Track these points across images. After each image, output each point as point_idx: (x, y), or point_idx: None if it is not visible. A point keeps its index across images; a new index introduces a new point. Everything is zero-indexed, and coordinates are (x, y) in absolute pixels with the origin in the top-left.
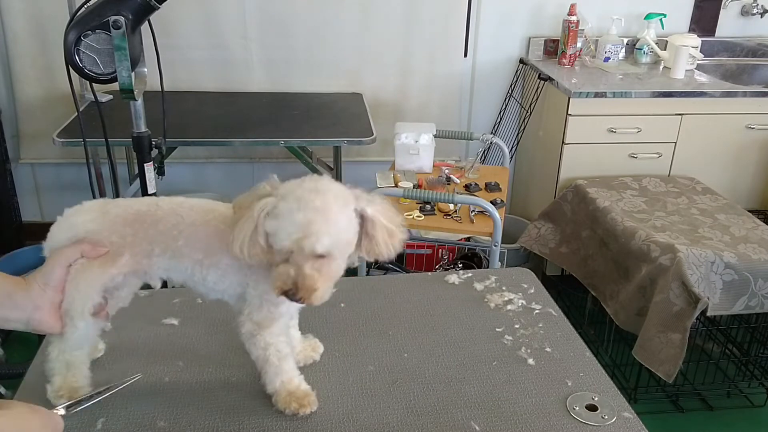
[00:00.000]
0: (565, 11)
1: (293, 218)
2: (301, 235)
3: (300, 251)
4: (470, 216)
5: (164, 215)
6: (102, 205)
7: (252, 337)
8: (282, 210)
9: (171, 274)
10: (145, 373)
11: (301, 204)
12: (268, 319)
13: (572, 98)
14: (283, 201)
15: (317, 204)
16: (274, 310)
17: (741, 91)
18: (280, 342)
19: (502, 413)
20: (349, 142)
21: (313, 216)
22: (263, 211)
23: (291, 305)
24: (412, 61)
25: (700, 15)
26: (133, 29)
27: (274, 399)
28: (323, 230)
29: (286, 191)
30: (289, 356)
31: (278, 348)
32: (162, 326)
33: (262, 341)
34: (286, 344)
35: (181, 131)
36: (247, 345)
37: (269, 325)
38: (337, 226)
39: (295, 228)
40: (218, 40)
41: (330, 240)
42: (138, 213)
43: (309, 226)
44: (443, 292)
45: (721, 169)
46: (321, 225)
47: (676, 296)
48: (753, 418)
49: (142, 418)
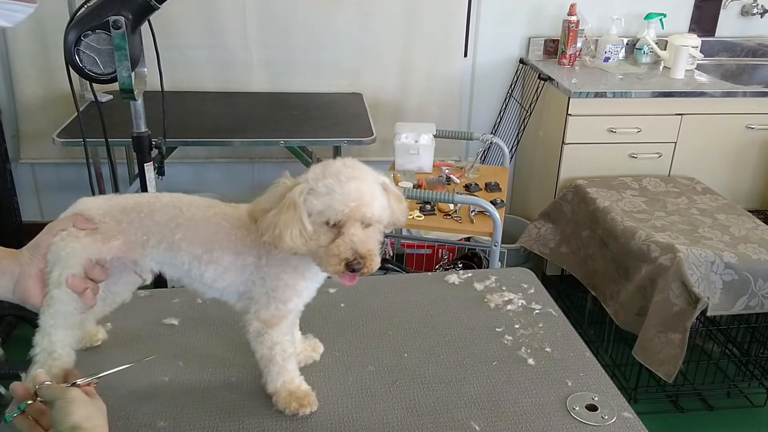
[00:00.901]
0: (565, 11)
1: (343, 189)
2: (356, 202)
3: (353, 219)
4: (470, 216)
5: (162, 207)
6: (110, 197)
7: (259, 336)
8: (325, 187)
9: (165, 268)
10: (145, 373)
11: (343, 177)
12: (276, 317)
13: (572, 98)
14: (321, 181)
15: (357, 175)
16: (282, 307)
17: (741, 91)
18: (286, 341)
19: (502, 413)
20: (349, 142)
21: (360, 185)
22: (302, 195)
23: (300, 300)
24: (412, 61)
25: (700, 15)
26: (133, 29)
27: (274, 399)
28: (373, 197)
29: (315, 174)
30: (293, 356)
31: (284, 348)
32: (162, 326)
33: (269, 340)
34: (291, 344)
35: (181, 131)
36: (254, 344)
37: (277, 323)
38: (379, 195)
39: (349, 197)
40: (218, 40)
41: (379, 206)
42: (137, 203)
43: (361, 195)
44: (443, 292)
45: (721, 169)
46: (369, 193)
47: (676, 296)
48: (753, 418)
49: (142, 418)
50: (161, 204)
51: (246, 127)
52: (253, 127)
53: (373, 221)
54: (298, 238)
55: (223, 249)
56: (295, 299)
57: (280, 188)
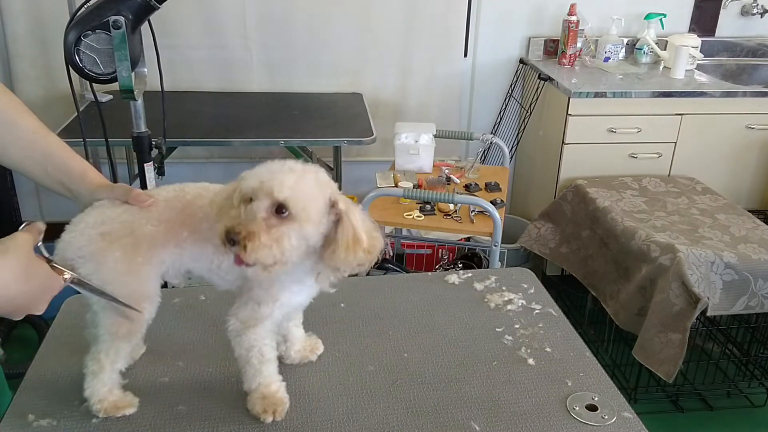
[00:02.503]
0: (565, 11)
1: (267, 166)
2: (266, 178)
3: (261, 195)
4: (470, 216)
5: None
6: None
7: (237, 336)
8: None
9: (196, 264)
10: (146, 373)
11: (281, 164)
12: (252, 318)
13: (572, 98)
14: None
15: (294, 167)
16: (257, 309)
17: (741, 91)
18: (265, 345)
19: (502, 413)
20: (349, 142)
21: (284, 169)
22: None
23: (275, 306)
24: (412, 61)
25: (700, 15)
26: (133, 29)
27: (248, 397)
28: (288, 181)
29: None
30: (271, 361)
31: (262, 351)
32: (162, 326)
33: (246, 341)
34: (272, 349)
35: (181, 131)
36: (233, 342)
37: (254, 326)
38: (304, 188)
39: (264, 172)
40: (218, 40)
41: (291, 192)
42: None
43: (277, 174)
44: (443, 292)
45: (721, 169)
46: (288, 177)
47: (676, 296)
48: (753, 418)
49: (141, 418)
50: (191, 196)
51: (246, 127)
52: (253, 127)
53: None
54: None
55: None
56: (270, 304)
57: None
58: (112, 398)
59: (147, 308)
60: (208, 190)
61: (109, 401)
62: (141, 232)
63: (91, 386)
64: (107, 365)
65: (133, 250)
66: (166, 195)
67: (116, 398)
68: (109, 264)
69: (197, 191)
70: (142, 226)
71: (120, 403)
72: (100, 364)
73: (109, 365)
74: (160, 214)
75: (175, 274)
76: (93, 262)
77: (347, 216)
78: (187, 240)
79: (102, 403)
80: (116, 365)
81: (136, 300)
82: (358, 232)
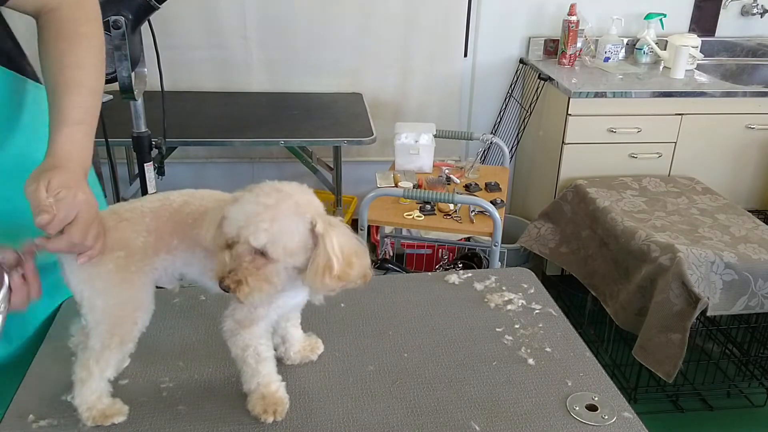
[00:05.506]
0: (565, 11)
1: (243, 207)
2: (243, 224)
3: (239, 242)
4: (470, 216)
5: (178, 207)
6: (111, 213)
7: (233, 336)
8: (241, 200)
9: (188, 269)
10: (145, 373)
11: (257, 198)
12: (248, 319)
13: (572, 98)
14: (248, 193)
15: (269, 201)
16: (253, 310)
17: (741, 91)
18: (261, 345)
19: (502, 413)
20: (349, 142)
21: (260, 210)
22: (233, 199)
23: (270, 308)
24: (412, 61)
25: (700, 15)
26: (133, 29)
27: (247, 398)
28: (263, 226)
29: (255, 186)
30: (269, 360)
31: (258, 351)
32: (162, 326)
33: (241, 341)
34: (268, 348)
35: (181, 131)
36: (228, 342)
37: (249, 326)
38: (281, 227)
39: (241, 217)
40: (218, 40)
41: (268, 237)
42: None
43: (252, 218)
44: (443, 292)
45: (721, 169)
46: (263, 220)
47: (676, 296)
48: (753, 418)
49: (141, 418)
50: (177, 204)
51: (246, 127)
52: (253, 127)
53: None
54: (211, 234)
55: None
56: (266, 306)
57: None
58: (101, 406)
59: (141, 317)
60: (194, 196)
61: (97, 409)
62: (134, 245)
63: (79, 394)
64: (96, 373)
65: (125, 261)
66: (150, 206)
67: (105, 406)
68: (102, 276)
69: (183, 198)
70: (133, 240)
71: (109, 411)
72: (89, 372)
73: (98, 373)
74: (148, 225)
75: (168, 279)
76: (85, 274)
77: (323, 240)
78: (177, 247)
79: (91, 411)
80: (105, 373)
81: (129, 309)
82: (331, 258)
